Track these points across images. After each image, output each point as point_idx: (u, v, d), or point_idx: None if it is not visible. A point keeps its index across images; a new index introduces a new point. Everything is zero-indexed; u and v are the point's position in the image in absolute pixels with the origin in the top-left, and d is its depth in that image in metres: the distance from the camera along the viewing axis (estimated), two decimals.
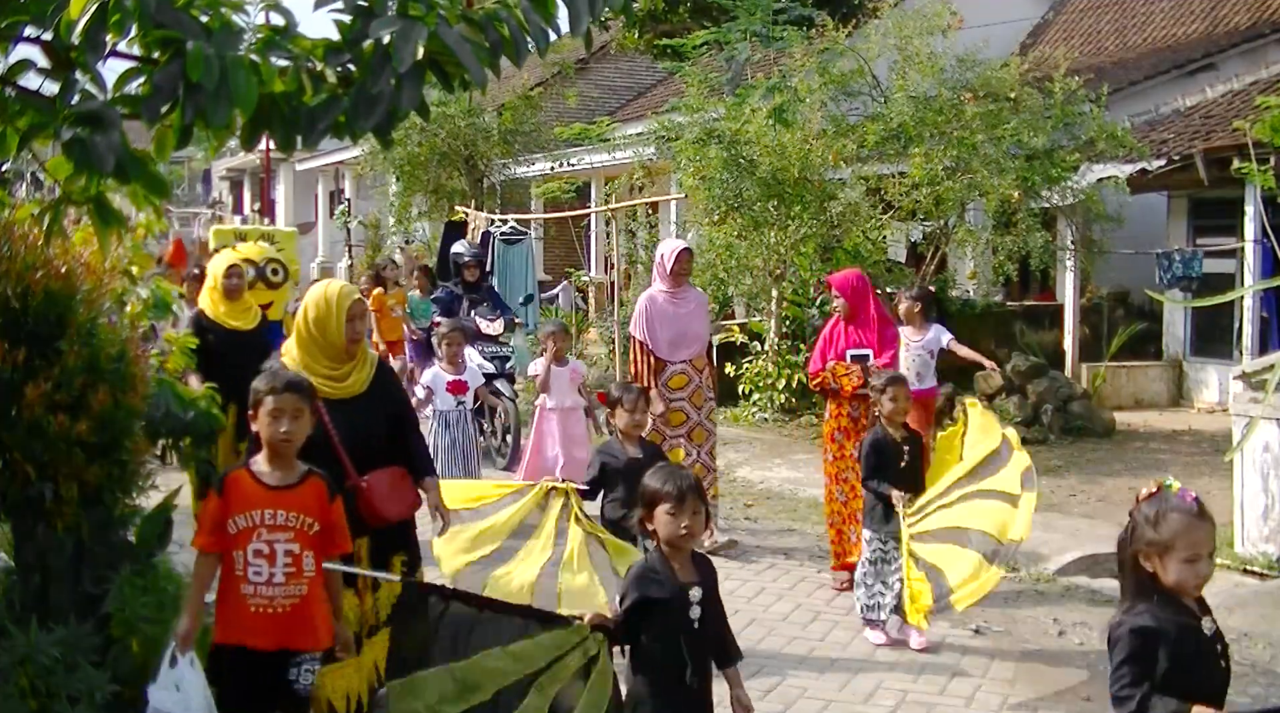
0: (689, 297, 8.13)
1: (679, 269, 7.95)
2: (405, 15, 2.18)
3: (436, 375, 8.16)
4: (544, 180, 20.33)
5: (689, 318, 8.01)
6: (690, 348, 7.94)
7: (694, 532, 3.55)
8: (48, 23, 2.16)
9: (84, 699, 4.06)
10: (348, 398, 4.53)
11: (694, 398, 7.89)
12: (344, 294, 4.57)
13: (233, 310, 7.59)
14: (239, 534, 3.87)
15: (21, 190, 13.63)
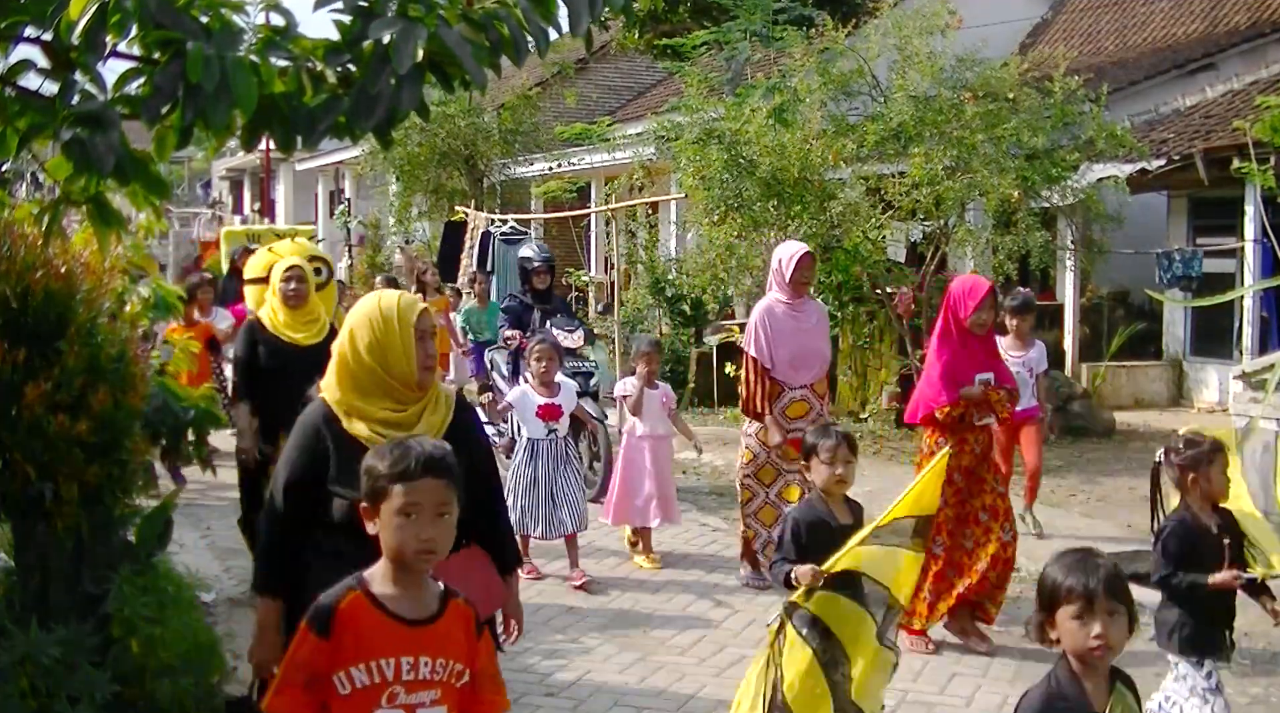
0: (809, 309, 7.12)
1: (799, 277, 6.93)
2: (405, 16, 2.18)
3: (525, 397, 7.14)
4: (544, 180, 20.33)
5: (811, 334, 7.04)
6: (812, 369, 7.00)
7: (1110, 643, 2.61)
8: (48, 23, 2.16)
9: (84, 699, 4.07)
10: None
11: None
12: (407, 306, 3.38)
13: (295, 321, 6.38)
14: (357, 696, 2.60)
15: (21, 190, 13.62)
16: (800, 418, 6.83)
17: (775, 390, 6.87)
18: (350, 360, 3.35)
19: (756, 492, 7.01)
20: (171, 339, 8.00)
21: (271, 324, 6.39)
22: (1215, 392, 13.61)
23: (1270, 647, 6.12)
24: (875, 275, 11.86)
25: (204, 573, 7.03)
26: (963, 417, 5.97)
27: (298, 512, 3.32)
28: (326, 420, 3.34)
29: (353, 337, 3.36)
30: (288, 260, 6.53)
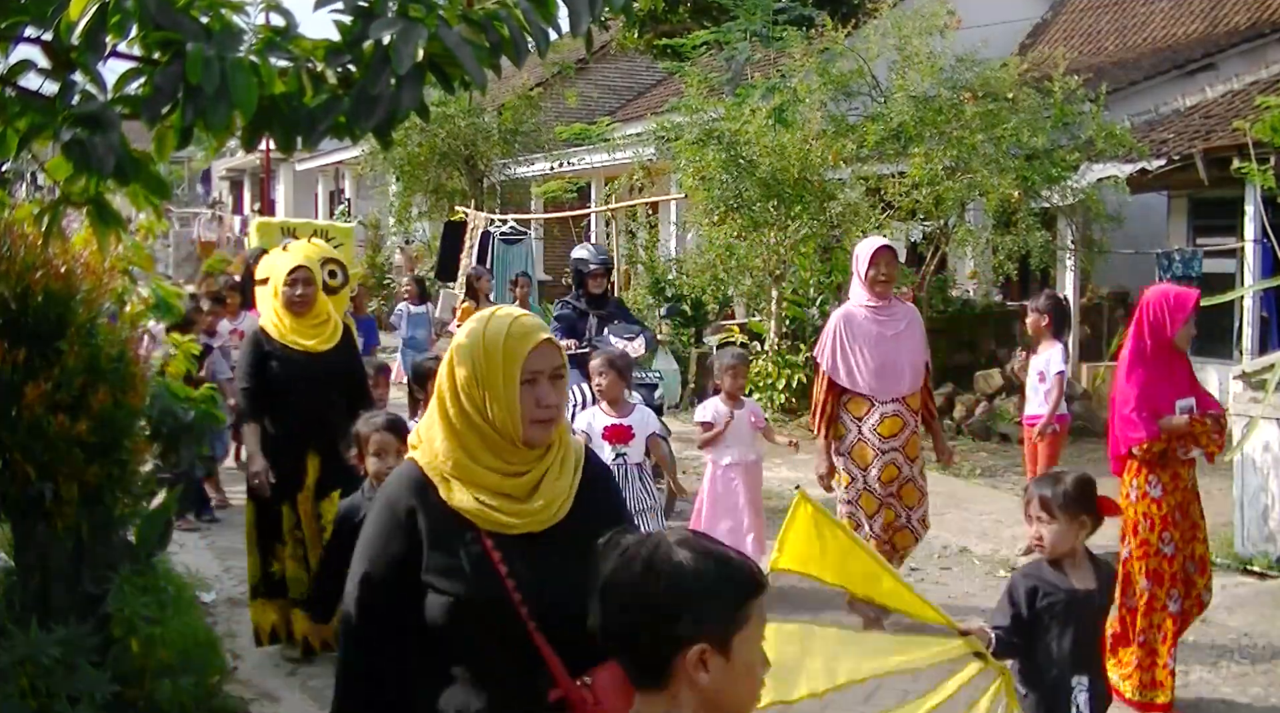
0: (898, 313, 6.27)
1: (878, 275, 6.13)
2: (405, 16, 2.18)
3: (594, 419, 6.29)
4: (544, 180, 20.33)
5: (900, 341, 6.17)
6: (904, 381, 6.16)
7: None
8: (48, 23, 2.16)
9: (84, 699, 4.07)
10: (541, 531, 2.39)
11: (908, 448, 6.14)
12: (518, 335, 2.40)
13: (302, 326, 5.71)
14: None
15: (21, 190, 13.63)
16: (894, 436, 6.08)
17: (855, 405, 6.10)
18: (448, 405, 2.40)
19: (855, 476, 6.18)
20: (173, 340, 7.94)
21: (278, 332, 5.70)
22: (1215, 392, 13.57)
23: (1270, 647, 6.12)
24: None
25: (204, 573, 7.03)
26: (1165, 451, 5.23)
27: (384, 616, 2.40)
28: (418, 489, 2.39)
29: (450, 372, 2.42)
30: (291, 258, 5.89)
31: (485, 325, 2.43)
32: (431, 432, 2.43)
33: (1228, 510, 7.56)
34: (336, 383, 5.71)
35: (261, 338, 5.77)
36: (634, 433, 6.21)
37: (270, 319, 5.77)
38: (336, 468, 5.44)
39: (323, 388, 5.65)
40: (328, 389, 5.66)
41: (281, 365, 5.64)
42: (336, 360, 5.75)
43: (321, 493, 5.63)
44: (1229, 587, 6.87)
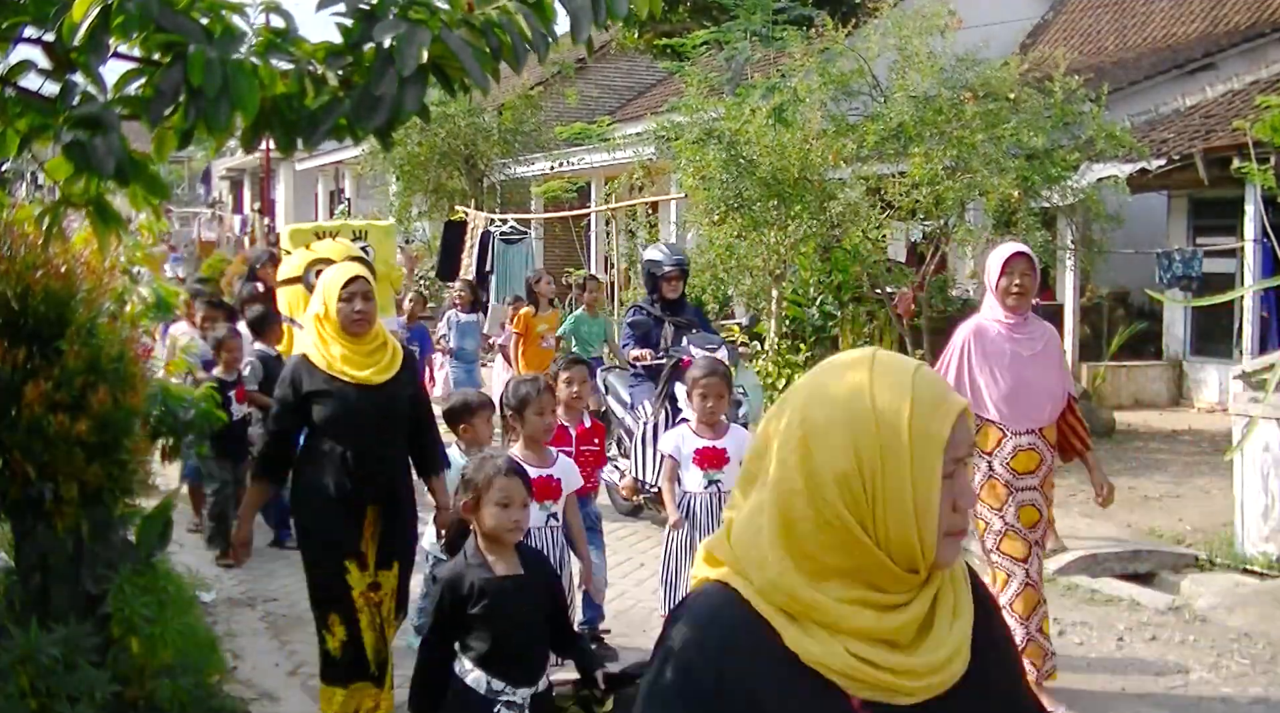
0: (1035, 331, 5.40)
1: (1010, 285, 5.25)
2: (408, 19, 2.19)
3: (684, 441, 5.58)
4: (544, 180, 20.34)
5: (1038, 363, 5.32)
6: (1041, 409, 5.30)
7: None
8: (50, 24, 2.17)
9: (84, 699, 4.07)
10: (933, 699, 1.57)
11: (1045, 485, 5.32)
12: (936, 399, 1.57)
13: (356, 353, 4.60)
14: None
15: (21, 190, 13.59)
16: (1030, 473, 5.24)
17: (989, 437, 5.26)
18: (796, 506, 1.54)
19: (990, 519, 5.32)
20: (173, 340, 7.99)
21: (325, 361, 4.56)
22: (1215, 392, 13.62)
23: (1270, 647, 6.12)
24: (875, 275, 11.87)
25: (204, 573, 7.04)
26: None
27: None
28: (746, 631, 1.52)
29: (804, 452, 1.55)
30: (344, 269, 4.76)
31: (867, 387, 1.55)
32: (758, 540, 1.55)
33: (1228, 510, 7.56)
34: (399, 421, 4.69)
35: (303, 371, 4.61)
36: (729, 457, 5.44)
37: (315, 345, 4.60)
38: (398, 528, 4.72)
39: (382, 428, 4.62)
40: (389, 429, 4.67)
41: (331, 403, 4.54)
42: (398, 393, 4.66)
43: (382, 560, 4.64)
44: (1229, 587, 6.87)
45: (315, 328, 4.64)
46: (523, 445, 5.03)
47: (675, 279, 8.43)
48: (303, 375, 4.60)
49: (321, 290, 4.65)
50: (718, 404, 5.52)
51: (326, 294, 4.60)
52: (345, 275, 4.64)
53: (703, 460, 5.51)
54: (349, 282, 4.60)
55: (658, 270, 8.46)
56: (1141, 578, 7.36)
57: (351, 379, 4.55)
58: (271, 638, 6.21)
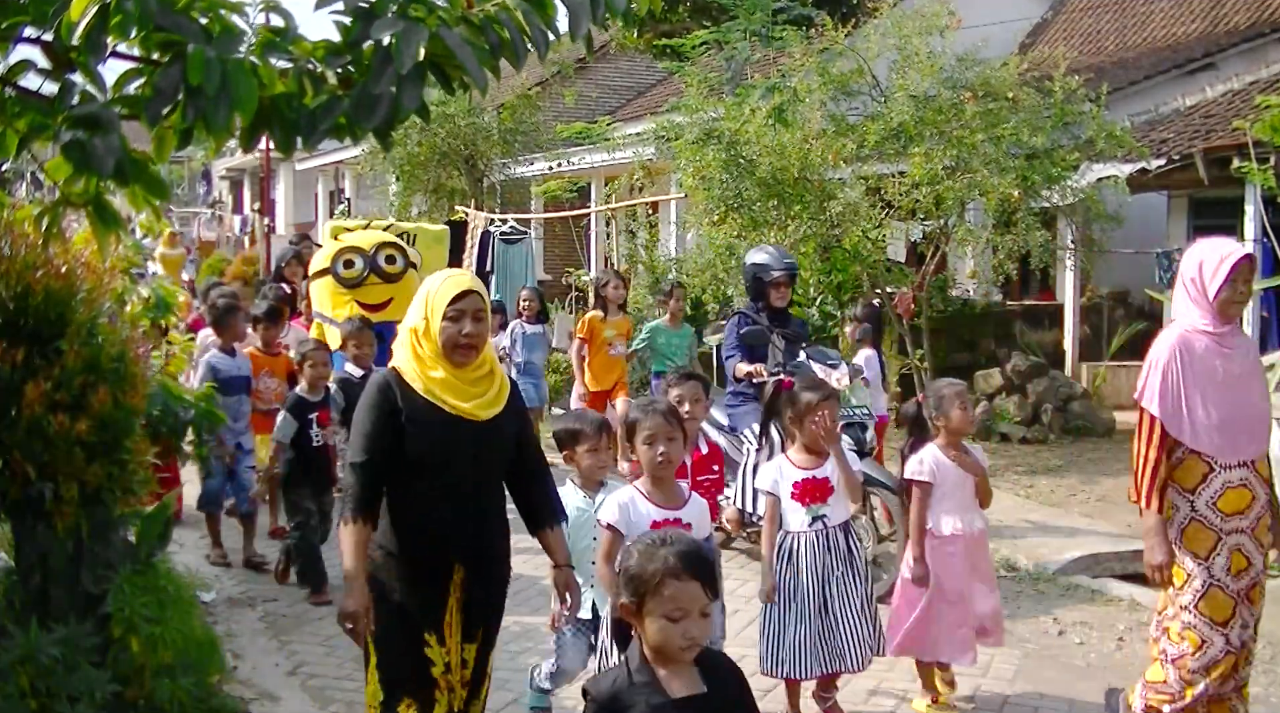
0: (1241, 342, 4.69)
1: (1236, 294, 4.49)
2: (406, 17, 2.19)
3: (782, 473, 4.99)
4: (544, 180, 20.35)
5: (1248, 384, 4.57)
6: (1255, 438, 4.57)
7: None
8: (48, 24, 2.16)
9: (84, 699, 4.07)
10: None
11: (1259, 531, 4.54)
12: None
13: (460, 381, 3.74)
14: None
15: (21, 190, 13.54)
16: (1239, 514, 4.48)
17: (1193, 472, 4.52)
18: None
19: (1192, 572, 4.54)
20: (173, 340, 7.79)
21: (423, 384, 3.70)
22: None
23: (1270, 647, 6.12)
24: (875, 275, 11.87)
25: (204, 573, 7.04)
26: None
27: None
28: None
29: None
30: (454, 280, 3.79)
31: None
32: None
33: None
34: (501, 464, 3.88)
35: (396, 388, 3.72)
36: (834, 486, 4.97)
37: (409, 362, 3.76)
38: (491, 594, 3.90)
39: (482, 471, 3.80)
40: (490, 473, 3.85)
41: (425, 435, 3.68)
42: (504, 431, 3.83)
43: (467, 632, 3.82)
44: None
45: (410, 342, 3.77)
46: (648, 481, 4.27)
47: (785, 286, 7.44)
48: (396, 394, 3.71)
49: (423, 301, 3.75)
50: (830, 431, 4.94)
51: (430, 307, 3.73)
52: (454, 287, 3.72)
53: (804, 493, 4.90)
54: (458, 297, 3.69)
55: (765, 275, 7.41)
56: (1142, 578, 7.36)
57: (452, 410, 3.69)
58: (271, 638, 6.21)
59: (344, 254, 8.35)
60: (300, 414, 6.88)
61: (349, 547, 3.63)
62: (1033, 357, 12.88)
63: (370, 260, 8.31)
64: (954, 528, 5.13)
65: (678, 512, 4.22)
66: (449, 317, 3.68)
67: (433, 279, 3.82)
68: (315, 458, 6.89)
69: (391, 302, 8.20)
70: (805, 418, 4.96)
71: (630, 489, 4.31)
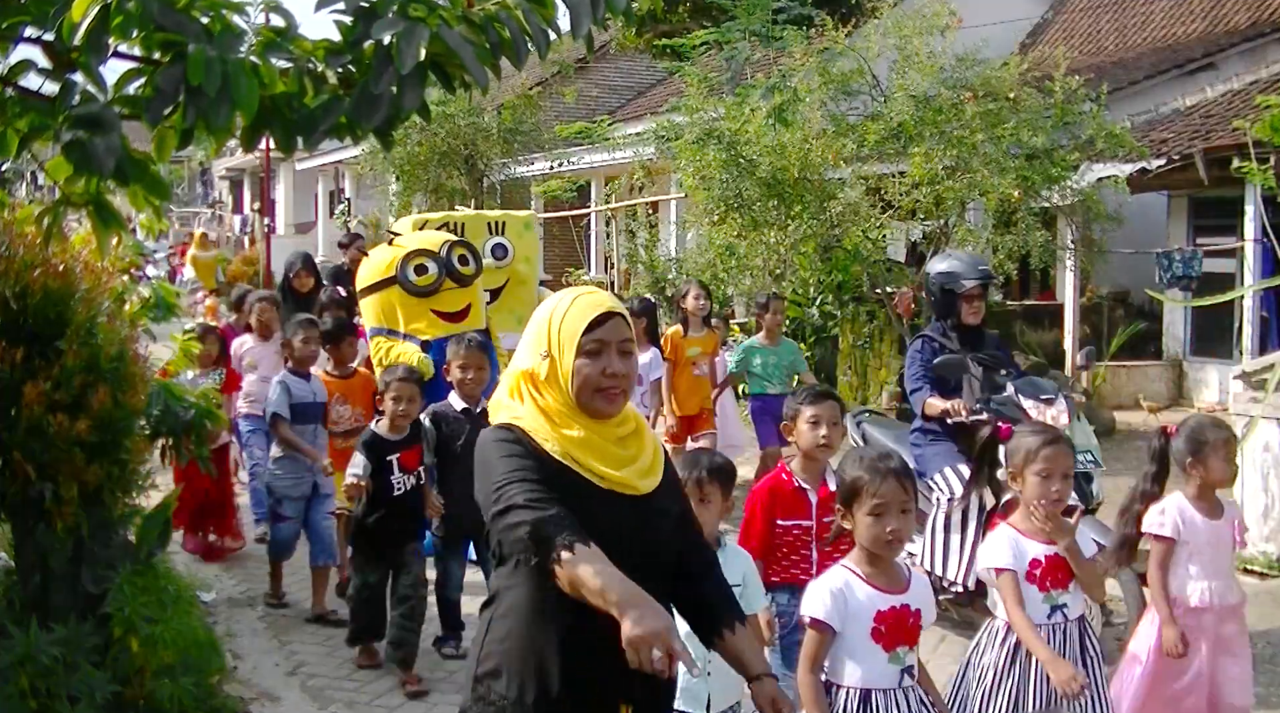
0: None
1: None
2: (407, 17, 2.18)
3: (1019, 548, 3.84)
4: (544, 180, 20.36)
5: None
6: None
7: None
8: (50, 24, 2.16)
9: (84, 699, 4.07)
10: None
11: None
12: None
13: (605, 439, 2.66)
14: None
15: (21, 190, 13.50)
16: None
17: None
18: None
19: None
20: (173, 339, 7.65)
21: (558, 446, 2.61)
22: (1215, 392, 13.61)
23: (1270, 647, 6.12)
24: (875, 275, 11.87)
25: (204, 573, 7.04)
26: None
27: None
28: None
29: None
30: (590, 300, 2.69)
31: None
32: None
33: None
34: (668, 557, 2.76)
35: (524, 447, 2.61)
36: None
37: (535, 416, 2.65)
38: None
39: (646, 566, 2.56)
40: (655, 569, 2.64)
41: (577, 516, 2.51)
42: (667, 510, 2.75)
43: None
44: None
45: (525, 391, 2.68)
46: (864, 559, 3.35)
47: (979, 298, 6.15)
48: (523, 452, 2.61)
49: (544, 331, 2.67)
50: (1064, 487, 3.87)
51: (556, 338, 2.64)
52: (590, 310, 2.63)
53: (1045, 576, 3.83)
54: (597, 322, 2.62)
55: (955, 286, 6.14)
56: (1141, 578, 7.35)
57: (603, 482, 2.60)
58: (271, 638, 6.21)
59: (413, 259, 7.23)
60: (377, 455, 5.52)
61: (596, 566, 2.39)
62: (1033, 357, 12.88)
63: (444, 263, 7.19)
64: (1202, 598, 4.31)
65: (903, 597, 3.29)
66: (586, 351, 2.61)
67: (556, 302, 2.70)
68: (395, 510, 5.53)
69: (470, 308, 7.25)
70: (1025, 469, 3.89)
71: (842, 572, 3.34)
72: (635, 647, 2.26)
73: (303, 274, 9.68)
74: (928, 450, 6.15)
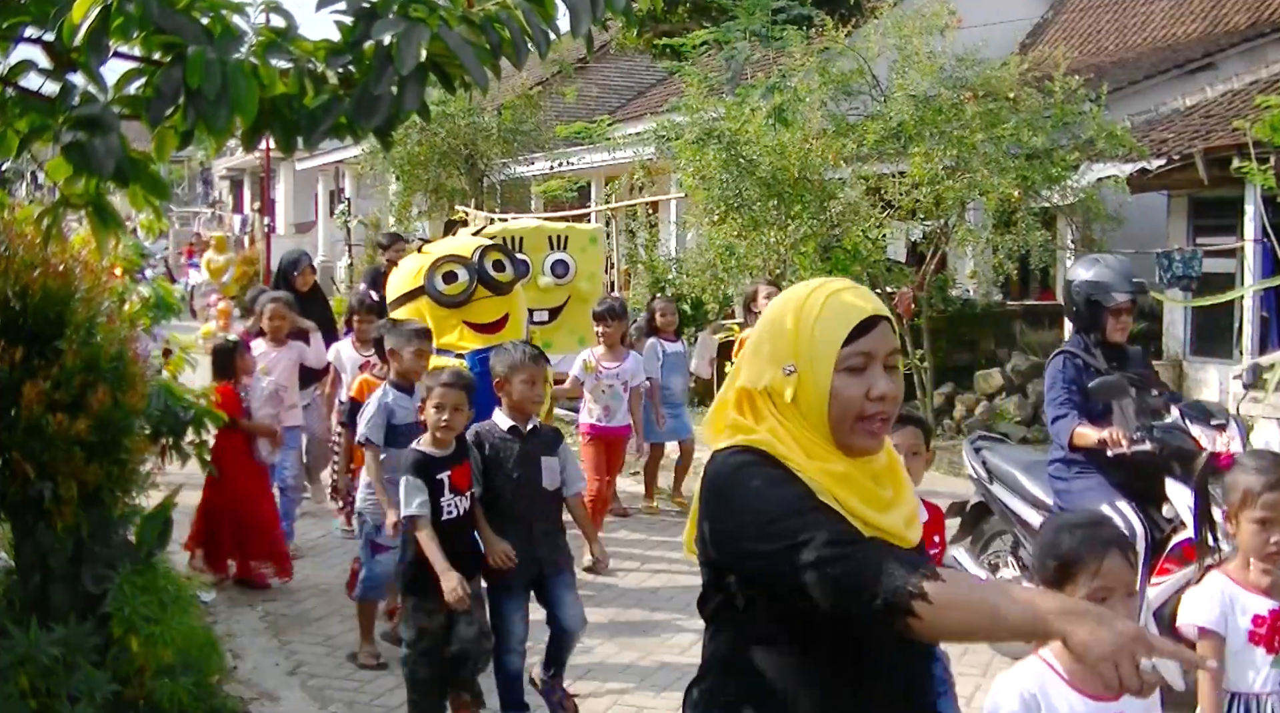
0: None
1: None
2: (407, 17, 2.19)
3: (1233, 603, 3.29)
4: (544, 180, 20.37)
5: None
6: None
7: None
8: (50, 25, 2.17)
9: (84, 699, 4.07)
10: None
11: None
12: None
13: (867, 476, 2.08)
14: None
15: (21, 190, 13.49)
16: None
17: None
18: None
19: None
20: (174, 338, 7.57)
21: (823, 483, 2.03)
22: (1215, 391, 13.61)
23: None
24: (875, 275, 11.87)
25: (204, 573, 7.03)
26: None
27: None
28: None
29: None
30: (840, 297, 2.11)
31: None
32: None
33: None
34: None
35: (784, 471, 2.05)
36: None
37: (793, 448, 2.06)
38: None
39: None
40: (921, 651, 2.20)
41: None
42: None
43: None
44: None
45: (763, 409, 2.10)
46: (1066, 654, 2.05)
47: (1127, 313, 5.40)
48: None
49: (792, 335, 2.08)
50: None
51: (807, 349, 2.06)
52: (853, 313, 2.08)
53: (1272, 634, 3.24)
54: (862, 329, 2.07)
55: (1104, 298, 5.38)
56: None
57: (865, 530, 2.00)
58: (271, 638, 6.21)
59: (441, 266, 6.68)
60: (426, 475, 4.73)
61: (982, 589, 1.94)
62: (1033, 357, 12.88)
63: (476, 270, 6.60)
64: None
65: (1116, 704, 2.54)
66: (848, 366, 2.04)
67: (801, 299, 2.10)
68: (448, 537, 4.69)
69: (507, 319, 6.63)
70: (1240, 511, 3.28)
71: (1039, 667, 2.63)
72: (1113, 660, 1.71)
73: (308, 272, 9.21)
74: (1075, 485, 5.37)
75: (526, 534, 4.82)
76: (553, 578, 4.90)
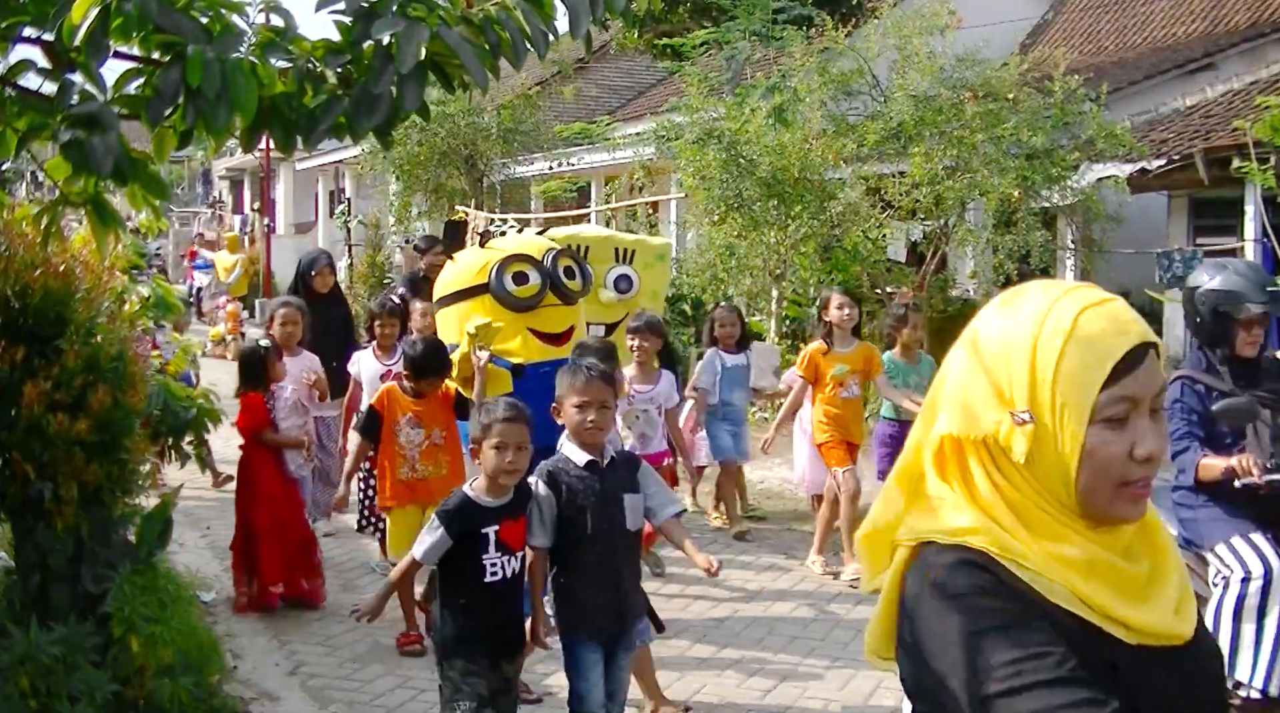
0: None
1: None
2: (407, 17, 2.19)
3: None
4: (544, 180, 20.37)
5: None
6: None
7: None
8: (49, 24, 2.17)
9: (84, 699, 4.07)
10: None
11: None
12: None
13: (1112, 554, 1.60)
14: None
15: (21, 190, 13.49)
16: None
17: None
18: None
19: None
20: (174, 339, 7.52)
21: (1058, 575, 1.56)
22: None
23: None
24: (875, 275, 11.87)
25: (204, 573, 7.03)
26: None
27: None
28: None
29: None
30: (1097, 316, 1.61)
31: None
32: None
33: None
34: None
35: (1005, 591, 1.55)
36: None
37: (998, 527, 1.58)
38: None
39: None
40: None
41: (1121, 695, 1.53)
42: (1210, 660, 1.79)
43: None
44: None
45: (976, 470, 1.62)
46: None
47: (1259, 325, 4.72)
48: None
49: (1029, 366, 1.59)
50: None
51: (1053, 386, 1.56)
52: (1119, 342, 1.59)
53: None
54: (1129, 360, 1.58)
55: (1234, 308, 4.72)
56: None
57: (1126, 635, 1.56)
58: (271, 638, 6.21)
59: (512, 265, 6.06)
60: (468, 526, 3.95)
61: None
62: None
63: (549, 274, 6.02)
64: None
65: None
66: (1107, 416, 1.56)
67: (1040, 314, 1.61)
68: (489, 604, 3.97)
69: (573, 332, 6.11)
70: None
71: None
72: None
73: (325, 273, 8.79)
74: (1202, 515, 4.78)
75: (616, 585, 4.13)
76: (626, 633, 4.23)
